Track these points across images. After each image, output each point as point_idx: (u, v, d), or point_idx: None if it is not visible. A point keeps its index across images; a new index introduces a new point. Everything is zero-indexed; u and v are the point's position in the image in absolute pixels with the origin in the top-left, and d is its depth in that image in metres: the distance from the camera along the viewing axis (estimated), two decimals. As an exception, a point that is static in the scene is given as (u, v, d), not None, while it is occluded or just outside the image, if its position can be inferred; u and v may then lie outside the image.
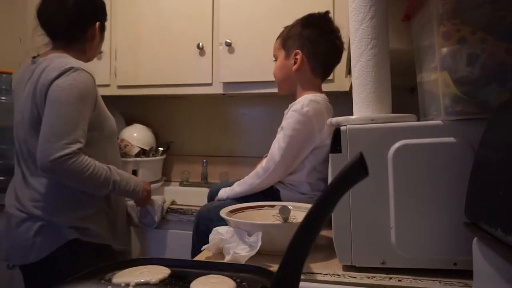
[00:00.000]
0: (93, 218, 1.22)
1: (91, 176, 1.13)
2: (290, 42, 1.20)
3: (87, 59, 1.32)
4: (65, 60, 1.19)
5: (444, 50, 0.62)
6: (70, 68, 1.14)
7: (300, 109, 1.09)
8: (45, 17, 1.27)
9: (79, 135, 1.11)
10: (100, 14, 1.33)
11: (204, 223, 1.05)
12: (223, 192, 1.16)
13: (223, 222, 0.88)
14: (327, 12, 1.22)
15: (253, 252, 0.73)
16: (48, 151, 1.08)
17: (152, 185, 1.83)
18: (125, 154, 1.80)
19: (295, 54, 1.18)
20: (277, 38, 1.25)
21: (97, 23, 1.31)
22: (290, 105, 1.16)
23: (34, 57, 1.28)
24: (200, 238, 1.00)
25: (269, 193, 1.11)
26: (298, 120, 1.08)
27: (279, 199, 1.10)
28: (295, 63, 1.18)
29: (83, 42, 1.30)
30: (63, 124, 1.10)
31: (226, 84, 1.72)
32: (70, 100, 1.12)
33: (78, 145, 1.10)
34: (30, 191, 1.18)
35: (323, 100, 1.14)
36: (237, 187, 1.14)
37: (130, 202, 1.54)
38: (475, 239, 0.52)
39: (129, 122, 2.02)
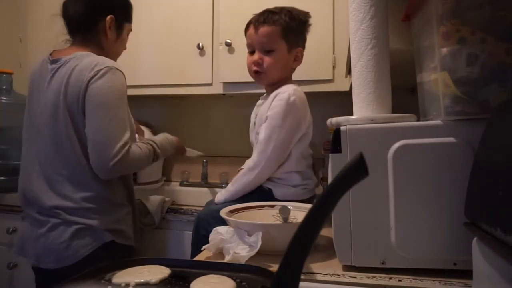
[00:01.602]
0: (123, 220, 1.24)
1: (142, 162, 1.24)
2: (293, 37, 1.17)
3: (115, 58, 1.32)
4: (94, 58, 1.18)
5: (444, 50, 0.62)
6: (104, 68, 1.15)
7: (287, 98, 1.09)
8: (64, 8, 1.28)
9: (127, 134, 1.16)
10: (114, 8, 1.31)
11: (203, 226, 1.04)
12: (220, 195, 1.16)
13: (222, 225, 0.88)
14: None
15: (253, 252, 0.73)
16: (107, 156, 1.11)
17: (152, 185, 1.83)
18: (125, 154, 1.80)
19: (298, 52, 1.18)
20: (267, 24, 1.15)
21: (109, 16, 1.28)
22: (271, 95, 1.15)
23: (51, 54, 1.26)
24: (200, 241, 0.99)
25: (263, 193, 1.11)
26: (285, 110, 1.09)
27: (273, 198, 1.10)
28: (295, 59, 1.19)
29: (96, 36, 1.28)
30: (115, 128, 1.14)
31: (226, 84, 1.72)
32: (114, 103, 1.15)
33: (129, 144, 1.16)
34: (60, 196, 1.16)
35: (301, 90, 1.18)
36: (231, 187, 1.13)
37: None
38: (475, 239, 0.52)
39: (129, 122, 2.02)
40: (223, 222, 0.88)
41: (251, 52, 1.19)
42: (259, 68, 1.17)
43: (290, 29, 1.15)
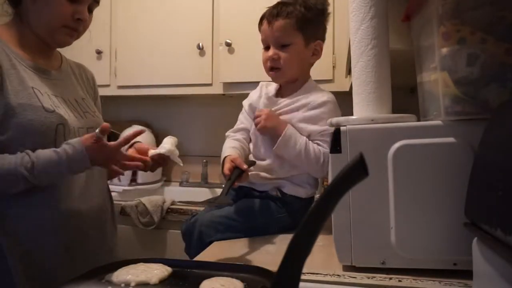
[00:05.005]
0: None
1: None
2: (310, 29, 1.07)
3: (45, 36, 0.93)
4: None
5: (444, 50, 0.62)
6: None
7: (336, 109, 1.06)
8: None
9: None
10: None
11: (209, 234, 0.97)
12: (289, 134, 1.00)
13: (230, 229, 0.92)
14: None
15: None
16: None
17: (152, 185, 1.83)
18: (125, 154, 1.80)
19: (317, 45, 1.09)
20: (281, 17, 1.05)
21: None
22: (311, 100, 1.05)
23: None
24: (204, 245, 0.94)
25: (271, 198, 1.05)
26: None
27: (282, 200, 1.06)
28: (313, 54, 1.09)
29: (20, 4, 0.92)
30: None
31: (226, 84, 1.72)
32: None
33: None
34: None
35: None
36: (297, 145, 1.00)
37: (130, 202, 1.54)
38: (475, 239, 0.52)
39: (128, 123, 2.01)
40: (230, 227, 0.90)
41: (266, 48, 1.10)
42: (274, 64, 1.07)
43: (306, 20, 1.05)
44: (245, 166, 0.94)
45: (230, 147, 1.05)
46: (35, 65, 0.93)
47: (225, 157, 1.00)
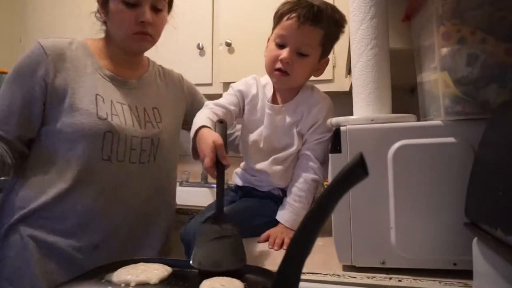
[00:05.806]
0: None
1: None
2: (329, 47, 1.02)
3: (122, 45, 1.04)
4: None
5: (444, 50, 0.62)
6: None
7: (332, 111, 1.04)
8: None
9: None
10: None
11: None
12: (294, 222, 0.97)
13: None
14: None
15: None
16: None
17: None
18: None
19: (325, 62, 1.04)
20: (315, 24, 0.95)
21: None
22: (309, 104, 1.02)
23: None
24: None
25: (273, 198, 1.05)
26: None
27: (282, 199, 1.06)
28: (318, 69, 1.04)
29: (105, 21, 1.04)
30: None
31: (226, 84, 1.72)
32: (7, 77, 1.01)
33: None
34: None
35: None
36: (302, 211, 0.98)
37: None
38: (475, 239, 0.52)
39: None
40: None
41: (281, 46, 0.99)
42: (284, 67, 0.98)
43: (330, 37, 0.99)
44: (227, 162, 0.86)
45: (207, 118, 0.93)
46: (112, 75, 1.03)
47: (200, 128, 0.89)
